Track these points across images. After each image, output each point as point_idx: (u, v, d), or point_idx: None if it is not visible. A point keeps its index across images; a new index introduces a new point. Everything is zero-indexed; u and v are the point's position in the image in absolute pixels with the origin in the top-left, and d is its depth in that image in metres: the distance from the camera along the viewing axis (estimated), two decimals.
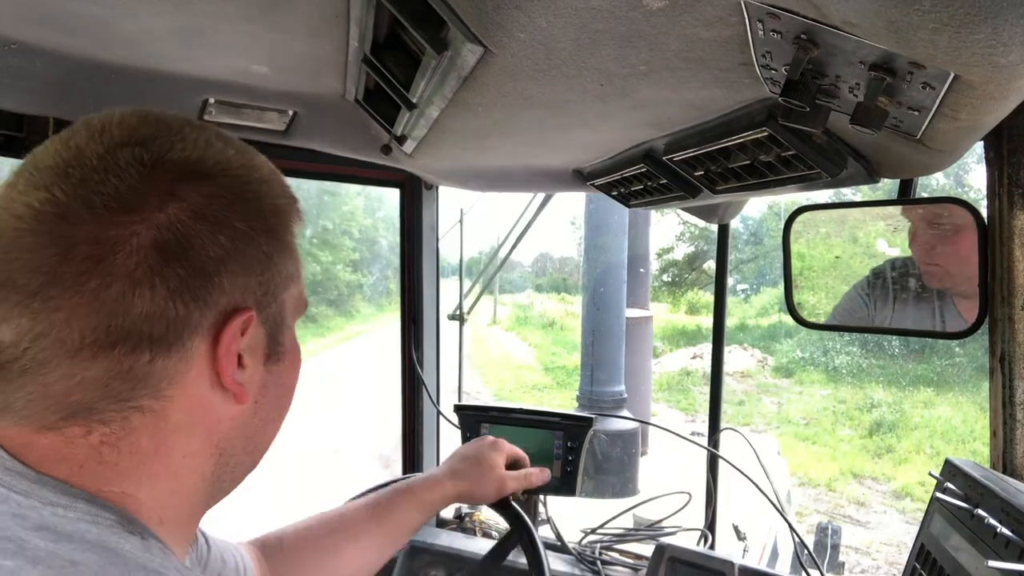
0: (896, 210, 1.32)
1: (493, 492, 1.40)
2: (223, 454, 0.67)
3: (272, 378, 0.69)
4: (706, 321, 21.64)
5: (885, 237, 1.37)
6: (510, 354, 23.23)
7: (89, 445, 0.58)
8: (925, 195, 1.28)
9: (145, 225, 0.57)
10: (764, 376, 18.23)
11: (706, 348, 18.54)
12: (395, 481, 1.79)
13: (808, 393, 16.30)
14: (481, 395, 15.66)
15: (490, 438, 1.49)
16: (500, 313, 34.15)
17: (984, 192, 1.10)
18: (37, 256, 0.54)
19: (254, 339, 0.66)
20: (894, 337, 14.07)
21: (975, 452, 10.91)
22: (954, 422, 13.36)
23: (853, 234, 1.48)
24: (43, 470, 0.57)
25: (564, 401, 14.66)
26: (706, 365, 16.41)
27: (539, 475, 1.48)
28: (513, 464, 1.48)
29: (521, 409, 2.19)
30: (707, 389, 2.09)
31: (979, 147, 1.07)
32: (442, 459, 2.51)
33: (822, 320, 1.48)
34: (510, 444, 1.50)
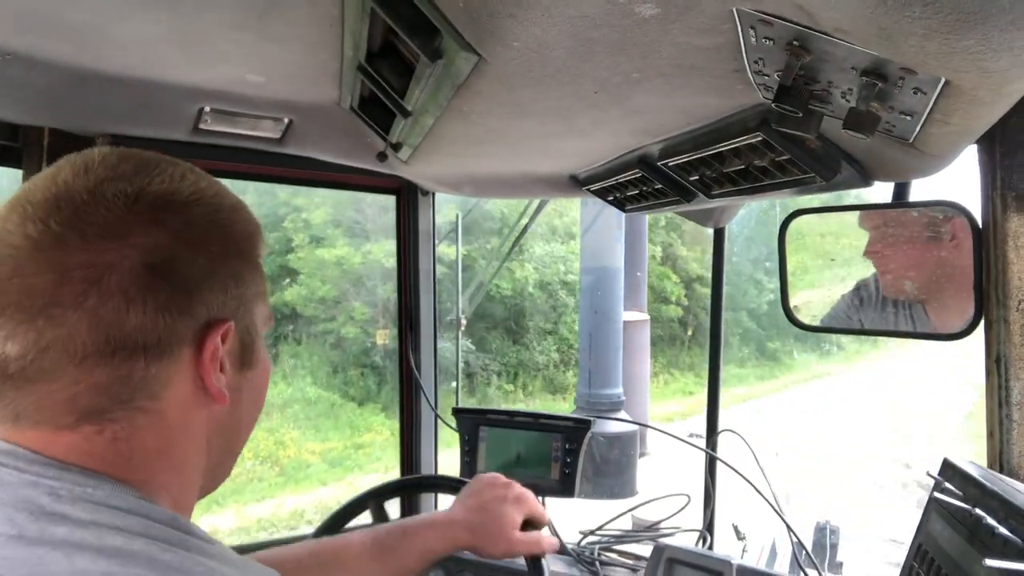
0: (892, 213, 1.32)
1: (501, 552, 1.31)
2: (211, 452, 0.74)
3: (247, 383, 0.77)
4: None
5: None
6: None
7: (105, 440, 0.64)
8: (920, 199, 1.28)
9: (134, 249, 0.64)
10: None
11: None
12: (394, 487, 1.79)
13: None
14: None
15: (517, 489, 1.35)
16: None
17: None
18: (38, 280, 0.61)
19: (232, 346, 0.73)
20: None
21: None
22: None
23: (849, 237, 1.48)
24: (69, 461, 0.63)
25: None
26: None
27: (549, 543, 1.36)
28: (528, 522, 1.35)
29: (519, 412, 2.20)
30: None
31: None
32: (441, 461, 2.53)
33: (818, 323, 1.48)
34: (534, 501, 1.36)
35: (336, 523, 1.77)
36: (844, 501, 8.13)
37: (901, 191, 1.22)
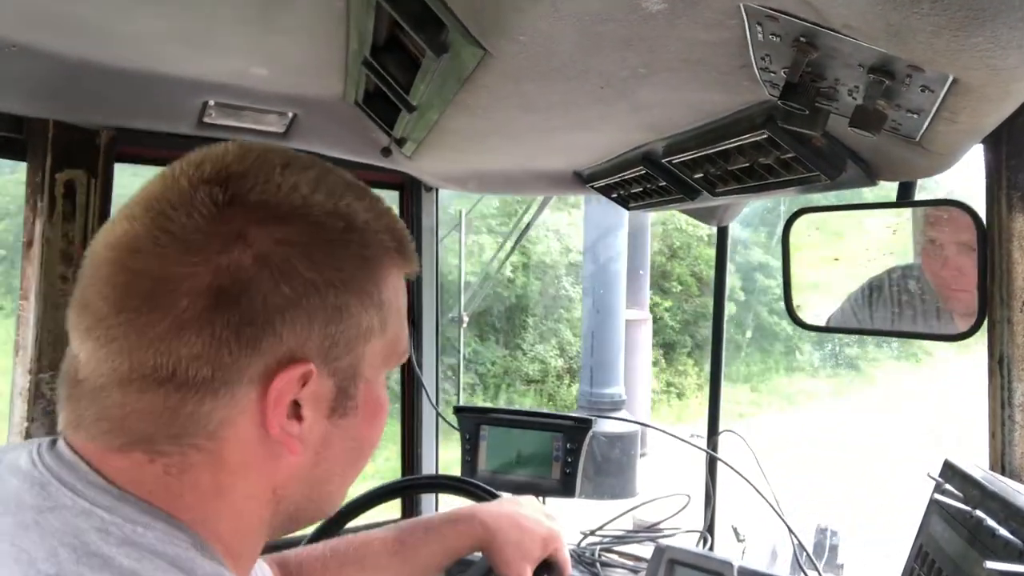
0: (896, 212, 1.32)
1: (511, 572, 1.21)
2: (281, 501, 0.66)
3: (338, 432, 0.66)
4: None
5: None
6: None
7: (155, 473, 0.59)
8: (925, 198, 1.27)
9: (205, 267, 0.56)
10: None
11: None
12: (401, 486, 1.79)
13: None
14: None
15: (554, 527, 1.26)
16: None
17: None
18: (108, 285, 0.57)
19: (319, 391, 0.63)
20: None
21: None
22: None
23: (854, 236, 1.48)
24: (123, 487, 0.58)
25: None
26: None
27: None
28: (548, 564, 1.25)
29: (521, 411, 2.20)
30: None
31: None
32: (441, 461, 2.52)
33: (822, 322, 1.48)
34: (563, 549, 1.26)
35: (337, 523, 1.78)
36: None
37: (906, 190, 1.21)
